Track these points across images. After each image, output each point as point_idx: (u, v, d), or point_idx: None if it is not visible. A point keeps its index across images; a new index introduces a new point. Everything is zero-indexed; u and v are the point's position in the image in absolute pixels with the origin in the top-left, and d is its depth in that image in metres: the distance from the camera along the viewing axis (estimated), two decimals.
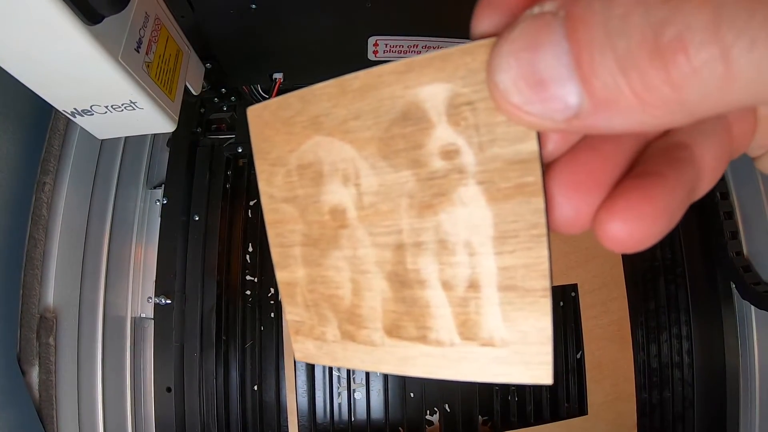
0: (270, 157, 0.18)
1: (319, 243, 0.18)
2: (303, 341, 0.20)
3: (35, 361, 0.55)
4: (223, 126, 0.81)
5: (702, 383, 0.71)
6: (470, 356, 0.16)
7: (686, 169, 0.14)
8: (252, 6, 0.57)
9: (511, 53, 0.12)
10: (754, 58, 0.09)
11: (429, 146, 0.15)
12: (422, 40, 0.65)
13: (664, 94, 0.10)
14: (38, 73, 0.41)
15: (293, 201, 0.18)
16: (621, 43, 0.10)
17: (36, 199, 0.58)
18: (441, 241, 0.16)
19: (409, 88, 0.15)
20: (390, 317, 0.17)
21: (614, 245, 0.13)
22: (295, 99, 0.18)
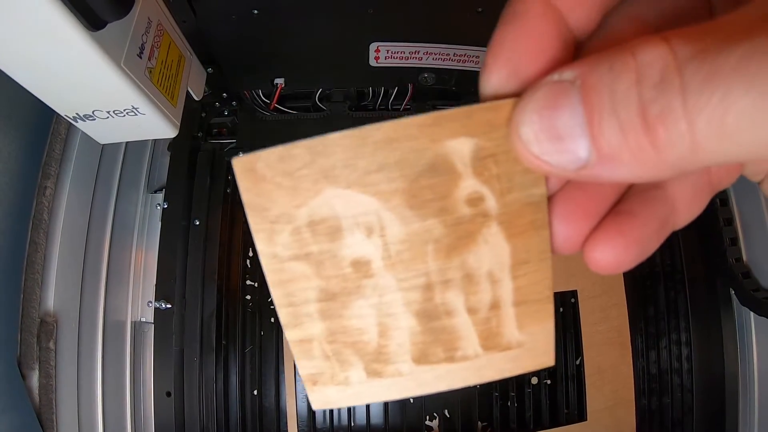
0: (270, 215, 0.17)
1: (338, 296, 0.19)
2: (321, 390, 0.20)
3: (35, 365, 0.55)
4: (224, 131, 0.81)
5: (701, 389, 0.71)
6: (490, 362, 0.19)
7: (657, 206, 0.17)
8: (254, 11, 0.58)
9: (534, 111, 0.14)
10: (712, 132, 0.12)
11: (456, 195, 0.17)
12: (423, 46, 0.65)
13: (652, 155, 0.13)
14: (41, 78, 0.41)
15: (305, 258, 0.18)
16: (623, 112, 0.13)
17: (37, 204, 0.58)
18: (467, 276, 0.18)
19: (435, 142, 0.16)
20: (418, 348, 0.19)
21: (597, 269, 0.17)
22: (302, 150, 0.17)
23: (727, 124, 0.11)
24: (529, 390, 0.71)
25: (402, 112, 0.79)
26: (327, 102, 0.80)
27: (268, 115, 0.79)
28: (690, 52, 0.12)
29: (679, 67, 0.12)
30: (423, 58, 0.67)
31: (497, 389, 0.71)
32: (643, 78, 0.12)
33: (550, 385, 0.72)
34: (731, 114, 0.11)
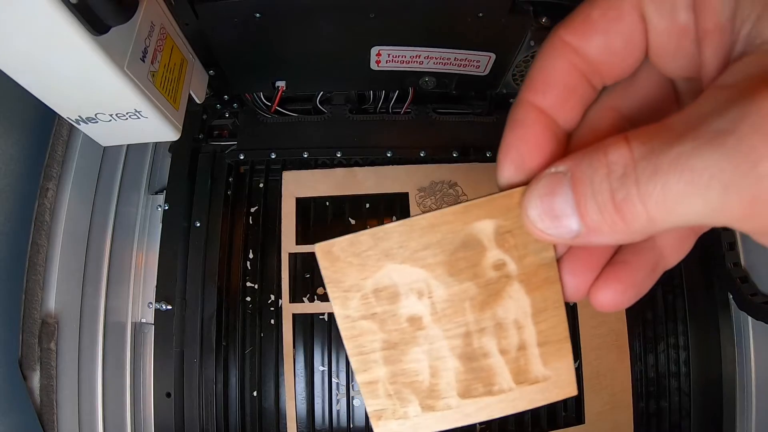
0: (344, 286, 0.23)
1: (398, 345, 0.24)
2: (385, 424, 0.25)
3: (36, 366, 0.55)
4: (225, 133, 0.82)
5: (699, 393, 0.72)
6: (522, 394, 0.24)
7: (647, 255, 0.22)
8: (256, 15, 0.58)
9: (538, 197, 0.19)
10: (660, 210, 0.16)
11: (484, 263, 0.22)
12: (424, 50, 0.65)
13: (623, 227, 0.17)
14: (44, 81, 0.42)
15: (371, 317, 0.23)
16: (599, 197, 0.17)
17: (39, 205, 0.58)
18: (497, 324, 0.23)
19: (466, 224, 0.22)
20: (463, 385, 0.24)
21: (602, 309, 0.22)
22: (366, 237, 0.22)
23: (668, 204, 0.15)
24: None
25: (402, 116, 0.79)
26: (328, 105, 0.80)
27: (269, 117, 0.79)
28: (642, 152, 0.16)
29: (634, 164, 0.16)
30: (424, 62, 0.67)
31: None
32: (611, 172, 0.17)
33: None
34: (670, 197, 0.15)
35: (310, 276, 0.74)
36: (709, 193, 0.14)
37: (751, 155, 0.14)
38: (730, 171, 0.14)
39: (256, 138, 0.79)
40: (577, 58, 0.20)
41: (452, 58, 0.67)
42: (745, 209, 0.14)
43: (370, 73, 0.69)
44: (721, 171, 0.14)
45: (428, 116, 0.80)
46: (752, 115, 0.14)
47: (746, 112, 0.14)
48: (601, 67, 0.20)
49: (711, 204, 0.15)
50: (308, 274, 0.74)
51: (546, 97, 0.20)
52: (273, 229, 0.75)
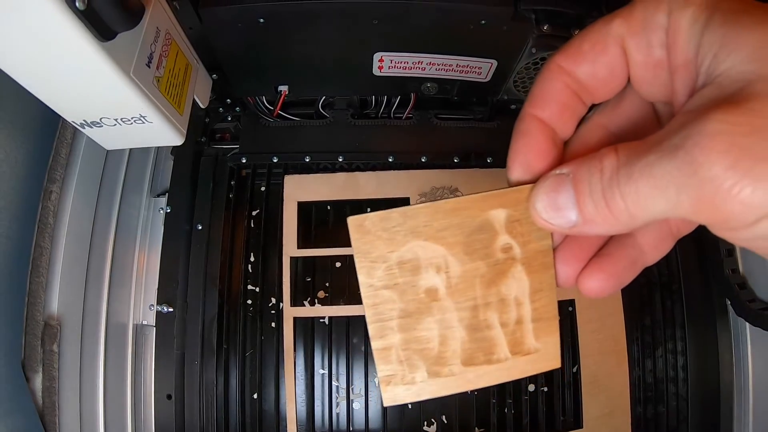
0: (371, 256, 0.25)
1: (414, 314, 0.26)
2: (393, 389, 0.27)
3: (39, 368, 0.56)
4: (227, 136, 0.82)
5: (696, 398, 0.72)
6: (515, 365, 0.27)
7: (627, 250, 0.26)
8: (260, 20, 0.58)
9: (544, 193, 0.23)
10: (636, 207, 0.19)
11: (495, 246, 0.26)
12: (427, 57, 0.66)
13: (612, 219, 0.20)
14: (50, 85, 0.42)
15: (393, 287, 0.26)
16: (594, 194, 0.21)
17: (42, 208, 0.58)
18: (501, 300, 0.26)
19: (483, 211, 0.25)
20: (467, 353, 0.27)
21: (587, 295, 0.26)
22: (397, 215, 0.25)
23: (640, 201, 0.19)
24: (526, 397, 0.72)
25: (404, 121, 0.80)
26: (330, 109, 0.80)
27: (272, 121, 0.80)
28: (625, 161, 0.20)
29: (618, 170, 0.20)
30: (426, 69, 0.68)
31: (494, 395, 0.72)
32: (603, 175, 0.20)
33: (546, 392, 0.73)
34: (641, 197, 0.19)
35: (311, 279, 0.74)
36: (667, 194, 0.18)
37: (693, 164, 0.17)
38: (680, 177, 0.18)
39: (258, 142, 0.79)
40: (570, 80, 0.24)
41: (454, 64, 0.67)
42: (693, 206, 0.18)
43: (373, 79, 0.69)
44: (674, 177, 0.18)
45: (430, 122, 0.80)
46: (695, 134, 0.17)
47: (691, 132, 0.18)
48: (590, 88, 0.24)
49: (669, 202, 0.18)
50: (309, 278, 0.75)
51: (545, 110, 0.25)
52: (274, 233, 0.76)
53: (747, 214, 0.17)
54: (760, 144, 0.16)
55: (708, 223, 0.19)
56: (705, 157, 0.17)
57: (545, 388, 0.73)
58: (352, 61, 0.67)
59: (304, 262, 0.75)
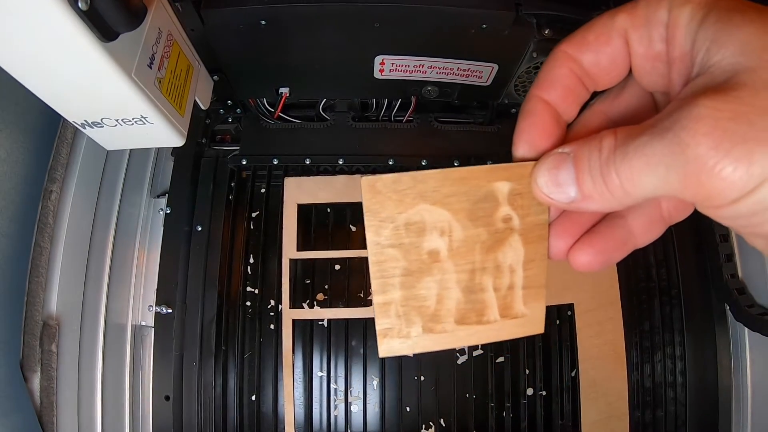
0: (380, 216, 0.27)
1: (415, 273, 0.28)
2: (389, 342, 0.29)
3: (37, 368, 0.56)
4: (228, 138, 0.82)
5: (695, 403, 0.72)
6: (504, 326, 0.29)
7: (618, 230, 0.27)
8: (262, 22, 0.58)
9: (546, 169, 0.25)
10: (631, 183, 0.21)
11: (496, 215, 0.27)
12: (427, 60, 0.66)
13: (608, 196, 0.22)
14: (52, 85, 0.42)
15: (398, 247, 0.27)
16: (593, 171, 0.22)
17: (42, 207, 0.58)
18: (497, 266, 0.28)
19: (489, 182, 0.26)
20: (460, 313, 0.29)
21: (576, 268, 0.27)
22: (408, 178, 0.26)
23: (634, 178, 0.21)
24: (525, 401, 0.72)
25: (405, 124, 0.80)
26: (331, 112, 0.80)
27: (272, 123, 0.80)
28: (622, 141, 0.21)
29: (615, 150, 0.21)
30: (427, 72, 0.68)
31: (493, 399, 0.72)
32: (601, 155, 0.22)
33: (545, 396, 0.73)
34: (635, 174, 0.20)
35: (311, 282, 0.74)
36: (657, 171, 0.20)
37: (681, 144, 0.19)
38: (669, 155, 0.19)
39: (258, 143, 0.79)
40: (575, 66, 0.25)
41: (455, 68, 0.67)
42: (681, 182, 0.19)
43: (374, 82, 0.70)
44: (664, 155, 0.19)
45: (430, 125, 0.80)
46: (683, 118, 0.19)
47: (680, 115, 0.19)
48: (593, 75, 0.26)
49: (659, 179, 0.20)
50: (308, 280, 0.75)
51: (551, 93, 0.26)
52: (274, 235, 0.76)
53: (728, 191, 0.18)
54: (741, 128, 0.18)
55: (694, 200, 0.20)
56: (691, 138, 0.19)
57: (543, 392, 0.73)
58: (353, 63, 0.67)
59: (303, 264, 0.75)
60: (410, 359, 0.73)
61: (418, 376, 0.73)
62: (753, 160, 0.18)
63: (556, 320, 0.74)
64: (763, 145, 0.18)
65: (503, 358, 0.73)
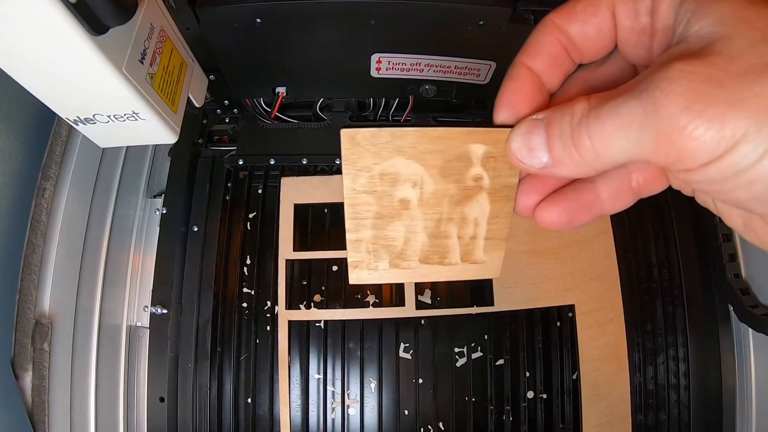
0: (357, 165, 0.28)
1: (386, 217, 0.30)
2: (359, 272, 0.33)
3: (29, 366, 0.55)
4: (225, 138, 0.82)
5: (698, 406, 0.71)
6: (466, 268, 0.32)
7: (584, 193, 0.27)
8: (257, 20, 0.58)
9: (520, 135, 0.25)
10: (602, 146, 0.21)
11: (468, 174, 0.28)
12: (424, 58, 0.65)
13: (579, 160, 0.22)
14: (42, 80, 0.42)
15: (372, 193, 0.29)
16: (563, 136, 0.23)
17: (36, 205, 0.58)
18: (462, 218, 0.30)
19: (464, 143, 0.27)
20: (424, 254, 0.32)
21: (541, 224, 0.28)
22: (386, 133, 0.27)
23: (606, 140, 0.21)
24: (525, 404, 0.71)
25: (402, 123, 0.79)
26: (328, 111, 0.80)
27: (269, 123, 0.80)
28: (595, 105, 0.22)
29: (588, 113, 0.22)
30: (424, 70, 0.68)
31: (492, 402, 0.71)
32: (572, 119, 0.22)
33: (545, 399, 0.72)
34: (606, 135, 0.21)
35: (307, 283, 0.74)
36: (630, 131, 0.20)
37: (654, 104, 0.19)
38: (642, 115, 0.20)
39: (255, 144, 0.79)
40: (561, 36, 0.26)
41: (452, 66, 0.67)
42: (652, 143, 0.20)
43: (371, 81, 0.69)
44: (637, 115, 0.20)
45: (430, 122, 0.80)
46: (657, 79, 0.20)
47: (655, 77, 0.20)
48: (579, 46, 0.26)
49: (631, 140, 0.20)
50: (305, 281, 0.74)
51: (535, 60, 0.27)
52: (271, 235, 0.75)
53: (700, 151, 0.19)
54: (714, 90, 0.19)
55: (665, 162, 0.20)
56: (665, 98, 0.19)
57: (544, 395, 0.72)
58: (350, 62, 0.67)
59: (300, 265, 0.74)
60: (409, 361, 0.72)
61: (416, 378, 0.72)
62: (725, 122, 0.18)
63: (557, 322, 0.73)
64: (735, 108, 0.18)
65: (503, 361, 0.72)
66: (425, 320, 0.73)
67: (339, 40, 0.63)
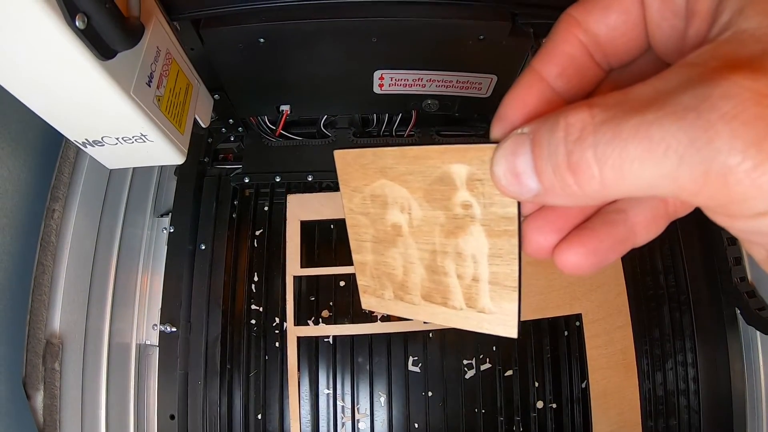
0: (351, 185, 0.28)
1: (383, 242, 0.29)
2: (369, 298, 0.31)
3: (40, 386, 0.56)
4: (230, 156, 0.83)
5: (708, 410, 0.70)
6: (471, 317, 0.27)
7: (616, 227, 0.22)
8: (260, 40, 0.59)
9: (502, 156, 0.20)
10: (615, 175, 0.16)
11: (454, 200, 0.25)
12: (426, 73, 0.66)
13: (576, 189, 0.17)
14: (52, 104, 0.42)
15: (366, 215, 0.28)
16: (554, 159, 0.18)
17: (45, 226, 0.59)
18: (458, 253, 0.26)
19: (445, 163, 0.24)
20: (426, 290, 0.29)
21: (563, 269, 0.22)
22: (370, 153, 0.26)
23: (624, 169, 0.16)
24: (534, 414, 0.71)
25: (406, 138, 0.80)
26: (332, 128, 0.81)
27: (274, 141, 0.80)
28: (604, 117, 0.16)
29: (594, 128, 0.16)
30: (426, 85, 0.68)
31: (502, 413, 0.71)
32: (568, 135, 0.17)
33: (555, 408, 0.71)
34: (626, 163, 0.16)
35: (315, 299, 0.74)
36: (664, 163, 0.15)
37: (708, 131, 0.14)
38: (687, 144, 0.15)
39: (261, 161, 0.80)
40: (581, 32, 0.21)
41: (454, 80, 0.68)
42: (696, 182, 0.15)
43: (374, 97, 0.70)
44: (678, 143, 0.15)
45: (432, 139, 0.80)
46: (714, 96, 0.15)
47: (709, 92, 0.15)
48: (603, 44, 0.21)
49: (664, 173, 0.15)
50: (313, 297, 0.74)
51: (547, 65, 0.22)
52: (278, 252, 0.76)
53: (758, 201, 0.15)
54: None
55: (705, 204, 0.16)
56: (725, 126, 0.14)
57: (554, 405, 0.71)
58: (353, 79, 0.67)
59: (307, 281, 0.75)
60: (418, 375, 0.72)
61: (425, 391, 0.72)
62: None
63: (565, 331, 0.73)
64: None
65: (512, 372, 0.72)
66: (433, 333, 0.73)
67: (341, 57, 0.64)
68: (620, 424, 0.69)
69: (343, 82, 0.69)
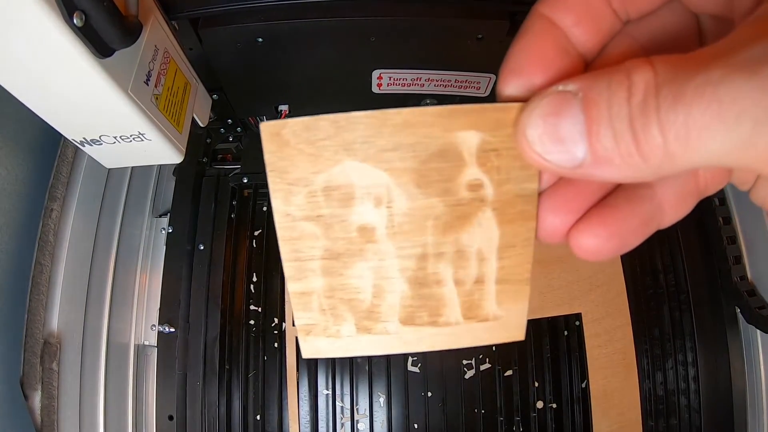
0: (289, 177, 0.19)
1: (342, 256, 0.21)
2: (313, 341, 0.22)
3: (38, 386, 0.55)
4: (229, 156, 0.83)
5: (709, 410, 0.70)
6: (468, 330, 0.22)
7: (642, 205, 0.19)
8: (258, 40, 0.59)
9: (540, 116, 0.17)
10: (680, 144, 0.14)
11: (459, 180, 0.19)
12: (425, 73, 0.66)
13: (638, 160, 0.15)
14: (49, 102, 0.42)
15: (315, 220, 0.20)
16: (617, 124, 0.15)
17: (43, 225, 0.59)
18: (459, 251, 0.21)
19: (447, 131, 0.18)
20: (406, 311, 0.22)
21: (580, 254, 0.19)
22: (327, 123, 0.19)
23: (691, 138, 0.14)
24: (534, 414, 0.70)
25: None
26: None
27: None
28: (666, 77, 0.14)
29: (656, 90, 0.14)
30: (425, 85, 0.68)
31: (502, 413, 0.71)
32: (632, 96, 0.15)
33: (555, 409, 0.71)
34: (693, 131, 0.14)
35: None
36: (737, 129, 0.13)
37: None
38: (764, 104, 0.12)
39: (259, 161, 0.79)
40: None
41: (453, 80, 0.68)
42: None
43: (372, 96, 0.70)
44: (753, 104, 0.12)
45: None
46: None
47: None
48: None
49: (738, 141, 0.13)
50: None
51: (561, 10, 0.18)
52: (276, 253, 0.75)
53: None
54: None
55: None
56: None
57: (554, 405, 0.71)
58: (351, 78, 0.67)
59: None
60: (417, 375, 0.72)
61: (425, 392, 0.72)
62: None
63: (564, 331, 0.73)
64: None
65: (511, 372, 0.72)
66: None
67: (340, 57, 0.64)
68: (621, 424, 0.69)
69: (342, 82, 0.69)
